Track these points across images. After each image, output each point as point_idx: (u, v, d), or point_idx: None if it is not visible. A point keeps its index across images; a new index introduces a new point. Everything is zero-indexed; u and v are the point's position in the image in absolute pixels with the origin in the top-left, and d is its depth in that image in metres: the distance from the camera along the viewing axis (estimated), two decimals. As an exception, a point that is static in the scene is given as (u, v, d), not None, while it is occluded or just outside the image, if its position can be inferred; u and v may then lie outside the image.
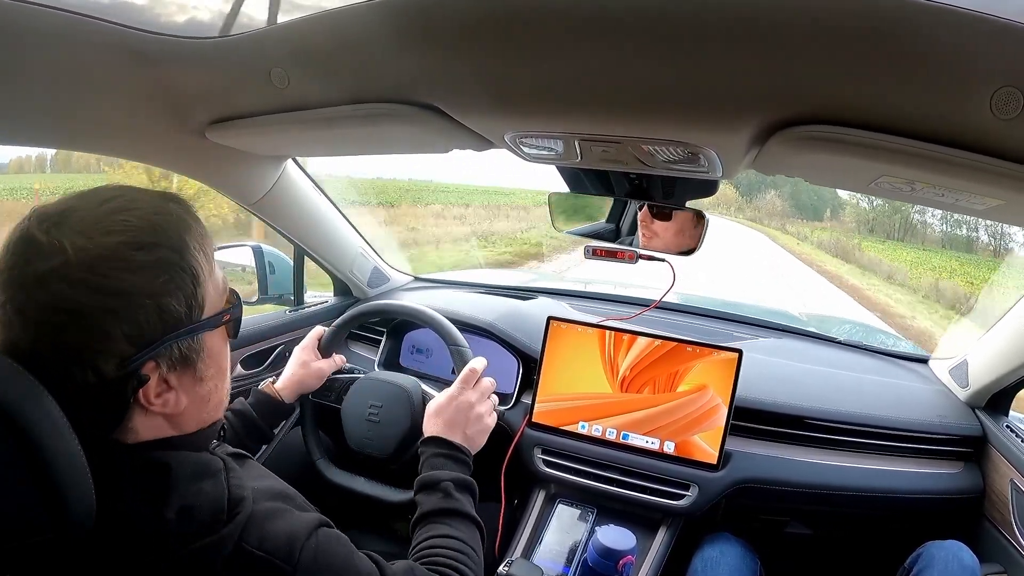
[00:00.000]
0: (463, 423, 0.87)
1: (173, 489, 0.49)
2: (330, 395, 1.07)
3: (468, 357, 0.98)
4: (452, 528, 0.74)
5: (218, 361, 0.57)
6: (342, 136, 0.87)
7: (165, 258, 0.49)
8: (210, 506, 0.49)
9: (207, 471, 0.52)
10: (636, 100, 0.60)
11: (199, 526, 0.48)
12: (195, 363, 0.53)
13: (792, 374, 1.18)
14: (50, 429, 0.43)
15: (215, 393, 0.57)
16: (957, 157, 0.54)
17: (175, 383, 0.52)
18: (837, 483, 1.04)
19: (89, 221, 0.47)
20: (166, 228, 0.50)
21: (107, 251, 0.46)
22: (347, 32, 0.64)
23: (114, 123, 0.84)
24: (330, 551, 0.55)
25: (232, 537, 0.49)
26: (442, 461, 0.82)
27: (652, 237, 0.98)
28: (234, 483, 0.52)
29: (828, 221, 28.51)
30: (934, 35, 0.45)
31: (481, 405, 0.90)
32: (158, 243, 0.49)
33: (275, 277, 1.37)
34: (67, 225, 0.46)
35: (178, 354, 0.51)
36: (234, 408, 0.95)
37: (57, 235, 0.46)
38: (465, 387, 0.90)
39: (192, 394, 0.54)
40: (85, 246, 0.46)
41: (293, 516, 0.55)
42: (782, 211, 32.15)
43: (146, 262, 0.48)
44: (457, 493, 0.78)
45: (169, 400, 0.52)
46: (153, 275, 0.48)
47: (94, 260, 0.46)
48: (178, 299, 0.50)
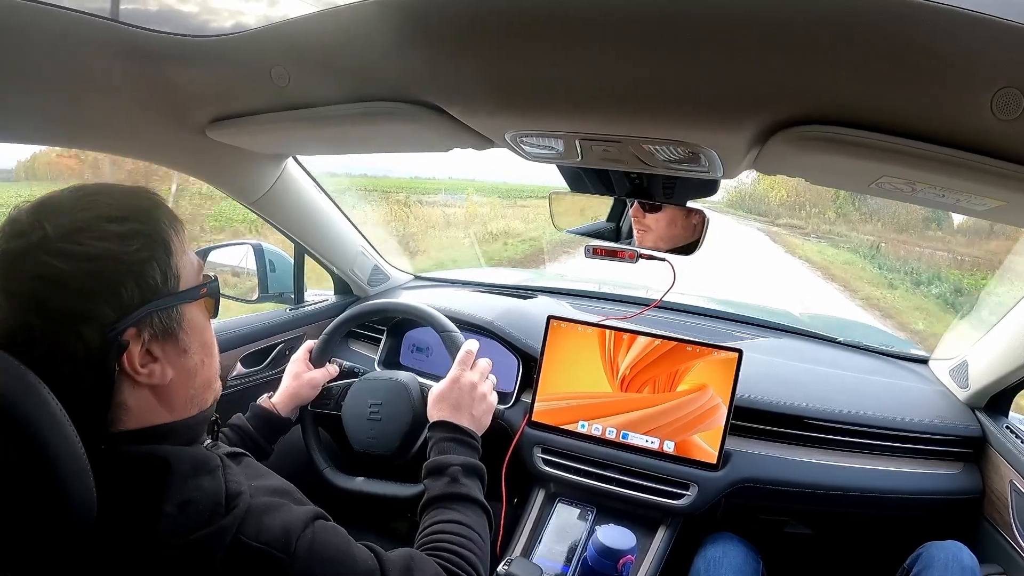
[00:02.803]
0: (469, 404, 0.87)
1: (172, 484, 0.49)
2: (328, 403, 1.07)
3: (460, 341, 0.98)
4: (459, 513, 0.74)
5: (201, 336, 0.58)
6: (342, 134, 0.87)
7: (137, 229, 0.52)
8: (208, 500, 0.50)
9: (205, 467, 0.53)
10: (637, 100, 0.60)
11: (197, 518, 0.49)
12: (176, 334, 0.55)
13: (792, 374, 1.18)
14: (50, 424, 0.43)
15: (202, 369, 0.58)
16: (958, 158, 0.54)
17: (159, 353, 0.54)
18: (837, 483, 1.04)
19: (65, 204, 0.51)
20: (137, 207, 0.53)
21: (83, 224, 0.49)
22: (348, 30, 0.64)
23: (115, 121, 0.84)
24: (327, 541, 0.56)
25: (230, 529, 0.50)
26: (450, 445, 0.82)
27: (646, 231, 0.98)
28: (231, 479, 0.53)
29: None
30: (935, 35, 0.45)
31: (483, 384, 0.91)
32: (128, 217, 0.52)
33: (275, 275, 1.37)
34: (45, 209, 0.50)
35: (159, 323, 0.53)
36: (232, 424, 0.95)
37: (37, 215, 0.49)
38: (464, 368, 0.91)
39: (177, 366, 0.55)
40: (61, 222, 0.49)
41: (290, 509, 0.55)
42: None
43: (119, 232, 0.51)
44: (464, 478, 0.78)
45: (155, 371, 0.53)
46: (127, 243, 0.51)
47: (70, 231, 0.49)
48: (152, 267, 0.52)
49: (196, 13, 0.73)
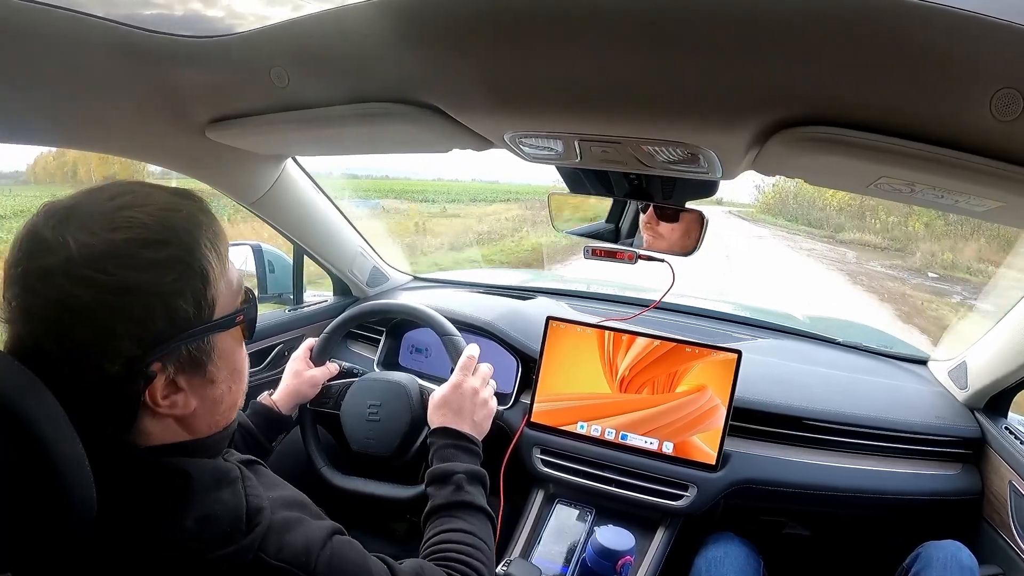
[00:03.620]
0: (470, 410, 0.87)
1: (192, 497, 0.48)
2: (328, 401, 1.07)
3: (461, 345, 0.98)
4: (464, 522, 0.74)
5: (231, 363, 0.55)
6: (341, 135, 0.87)
7: (174, 256, 0.47)
8: (229, 515, 0.49)
9: (225, 479, 0.51)
10: (635, 100, 0.60)
11: (218, 535, 0.48)
12: (205, 365, 0.52)
13: (791, 375, 1.18)
14: (49, 423, 0.43)
15: (228, 395, 0.56)
16: (957, 159, 0.54)
17: (184, 385, 0.50)
18: (836, 484, 1.04)
19: (96, 217, 0.46)
20: (175, 226, 0.48)
21: (112, 248, 0.45)
22: (347, 31, 0.64)
23: (114, 122, 0.84)
24: (344, 556, 0.55)
25: (252, 548, 0.48)
26: (453, 452, 0.82)
27: (657, 238, 0.98)
28: (251, 493, 0.52)
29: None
30: (934, 36, 0.45)
31: (484, 390, 0.91)
32: (167, 241, 0.47)
33: (274, 276, 1.37)
34: (73, 221, 0.45)
35: (187, 355, 0.50)
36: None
37: (62, 231, 0.45)
38: (466, 374, 0.91)
39: (202, 396, 0.52)
40: (89, 242, 0.44)
41: (309, 525, 0.55)
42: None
43: (153, 260, 0.46)
44: (469, 486, 0.78)
45: (177, 402, 0.50)
46: (161, 273, 0.46)
47: (98, 257, 0.44)
48: (187, 299, 0.48)
49: (195, 13, 0.72)
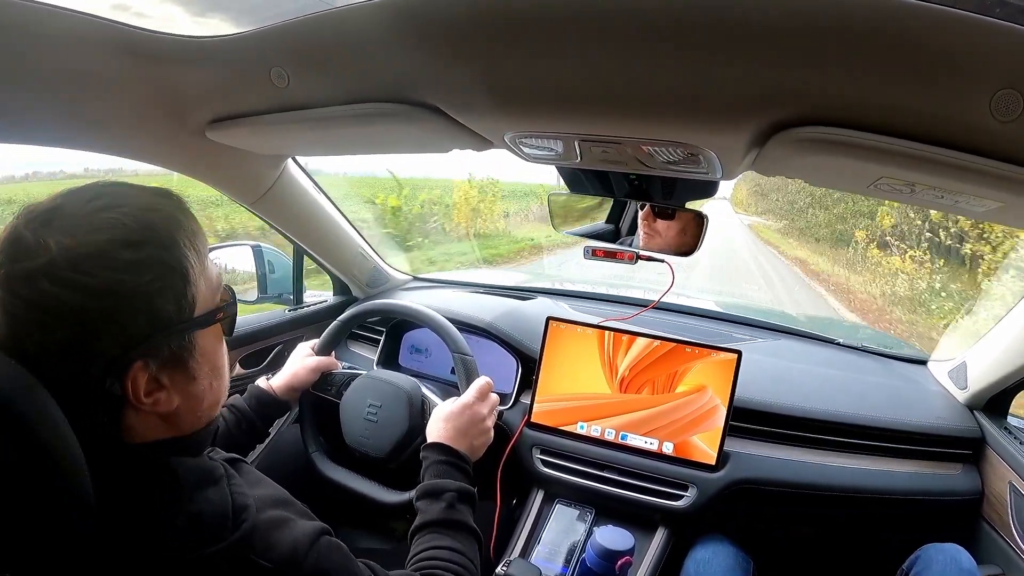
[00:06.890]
0: (473, 434, 0.88)
1: (181, 496, 0.49)
2: (330, 389, 1.08)
3: (473, 369, 0.98)
4: (453, 540, 0.74)
5: (212, 360, 0.56)
6: (341, 135, 0.87)
7: (153, 256, 0.48)
8: (216, 513, 0.50)
9: (210, 478, 0.52)
10: (635, 101, 0.60)
11: (206, 533, 0.48)
12: (187, 362, 0.52)
13: (791, 375, 1.18)
14: (48, 423, 0.43)
15: (209, 392, 0.56)
16: (957, 159, 0.54)
17: (166, 382, 0.51)
18: (836, 484, 1.04)
19: (76, 219, 0.46)
20: (155, 225, 0.49)
21: (93, 249, 0.45)
22: (347, 31, 0.64)
23: (114, 122, 0.84)
24: (332, 559, 0.56)
25: (238, 546, 0.49)
26: (446, 469, 0.82)
27: (653, 236, 0.98)
28: (236, 491, 0.52)
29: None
30: (934, 37, 0.45)
31: (490, 419, 0.92)
32: (145, 241, 0.48)
33: (274, 276, 1.37)
34: (54, 223, 0.46)
35: (168, 353, 0.50)
36: (229, 404, 0.95)
37: (43, 234, 0.45)
38: (480, 399, 0.91)
39: (185, 393, 0.53)
40: (70, 245, 0.45)
41: (296, 525, 0.55)
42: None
43: (134, 260, 0.47)
44: (460, 504, 0.78)
45: (160, 399, 0.51)
46: (141, 273, 0.47)
47: (79, 258, 0.45)
48: (167, 298, 0.49)
49: (196, 13, 0.73)
